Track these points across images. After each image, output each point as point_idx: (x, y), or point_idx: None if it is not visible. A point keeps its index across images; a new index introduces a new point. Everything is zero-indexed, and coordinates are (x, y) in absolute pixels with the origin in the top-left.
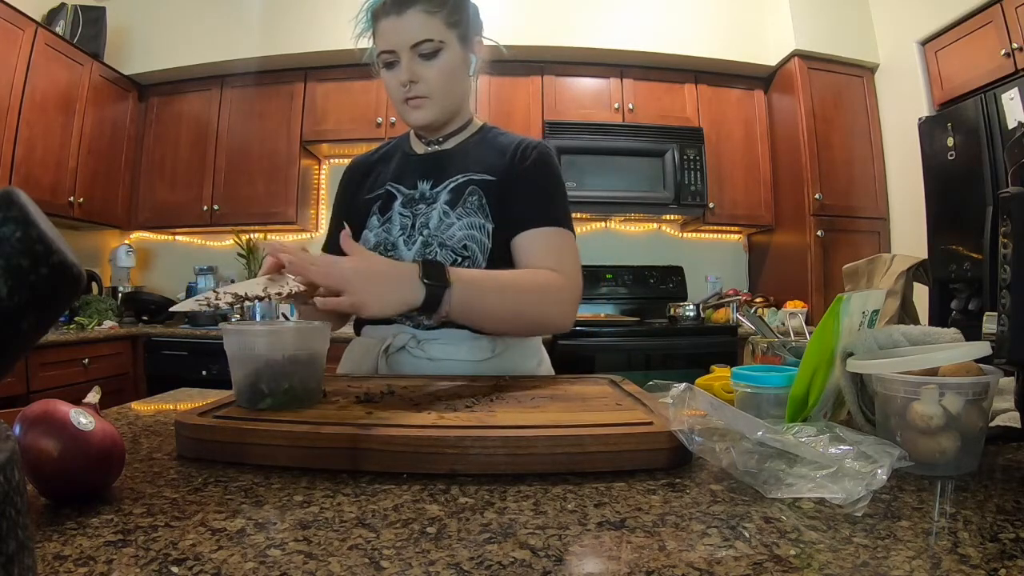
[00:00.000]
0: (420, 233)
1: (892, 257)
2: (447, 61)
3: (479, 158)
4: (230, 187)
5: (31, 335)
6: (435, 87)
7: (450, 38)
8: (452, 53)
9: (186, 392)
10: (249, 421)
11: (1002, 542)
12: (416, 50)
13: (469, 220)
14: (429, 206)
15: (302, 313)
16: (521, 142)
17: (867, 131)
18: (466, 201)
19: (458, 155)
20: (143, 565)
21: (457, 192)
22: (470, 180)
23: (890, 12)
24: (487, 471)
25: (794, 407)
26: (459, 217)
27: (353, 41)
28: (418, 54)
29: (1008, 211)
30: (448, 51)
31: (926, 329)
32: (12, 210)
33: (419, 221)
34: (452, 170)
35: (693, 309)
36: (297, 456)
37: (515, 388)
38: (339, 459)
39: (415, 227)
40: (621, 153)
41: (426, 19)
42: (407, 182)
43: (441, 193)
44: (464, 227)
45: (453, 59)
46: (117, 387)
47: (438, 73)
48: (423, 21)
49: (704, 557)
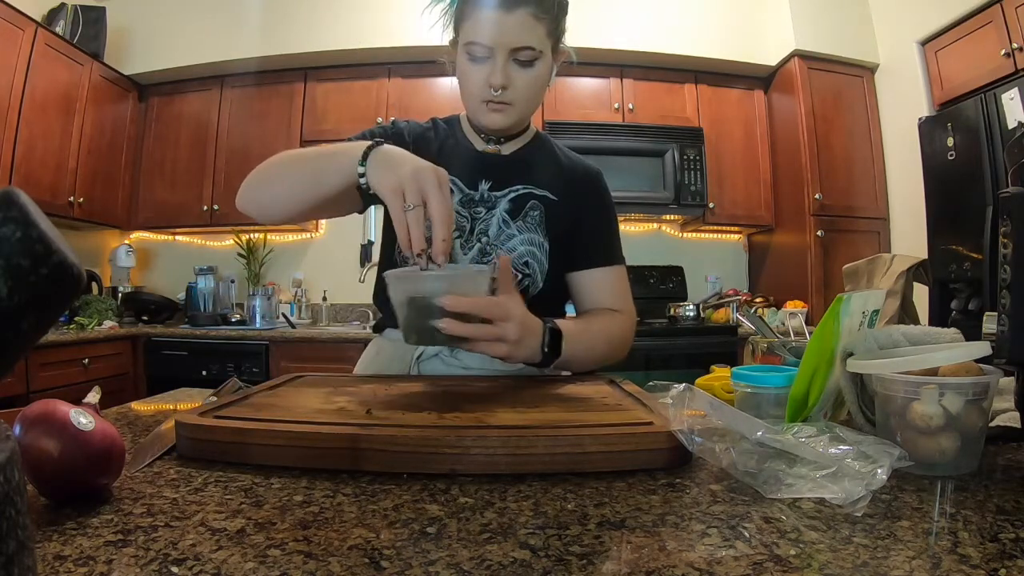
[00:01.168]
0: (479, 240)
1: (892, 257)
2: (541, 72)
3: (539, 172)
4: (230, 187)
5: (31, 335)
6: (523, 95)
7: (547, 48)
8: (545, 64)
9: (186, 392)
10: (249, 421)
11: (1002, 542)
12: (515, 55)
13: (529, 236)
14: (488, 211)
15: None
16: (581, 167)
17: (867, 131)
18: (527, 215)
19: (518, 163)
20: (143, 565)
21: (518, 204)
22: (531, 194)
23: (890, 12)
24: (487, 471)
25: (794, 407)
26: (520, 231)
27: (429, 30)
28: (515, 59)
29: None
30: (543, 61)
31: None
32: (12, 210)
33: (478, 227)
34: (513, 178)
35: (693, 309)
36: (297, 456)
37: (515, 388)
38: (339, 459)
39: (473, 232)
40: (621, 153)
41: (533, 24)
42: (466, 179)
43: (501, 200)
44: (524, 242)
45: (546, 70)
46: (117, 387)
47: (531, 83)
48: (530, 26)
49: (704, 557)
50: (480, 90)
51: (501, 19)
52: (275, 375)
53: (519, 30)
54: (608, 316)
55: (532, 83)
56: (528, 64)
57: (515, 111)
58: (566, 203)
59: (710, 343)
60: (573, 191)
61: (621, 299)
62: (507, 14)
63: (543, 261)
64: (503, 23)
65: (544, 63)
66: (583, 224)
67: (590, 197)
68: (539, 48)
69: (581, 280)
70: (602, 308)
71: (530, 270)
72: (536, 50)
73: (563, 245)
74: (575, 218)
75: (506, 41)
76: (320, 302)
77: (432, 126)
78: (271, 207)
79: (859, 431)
